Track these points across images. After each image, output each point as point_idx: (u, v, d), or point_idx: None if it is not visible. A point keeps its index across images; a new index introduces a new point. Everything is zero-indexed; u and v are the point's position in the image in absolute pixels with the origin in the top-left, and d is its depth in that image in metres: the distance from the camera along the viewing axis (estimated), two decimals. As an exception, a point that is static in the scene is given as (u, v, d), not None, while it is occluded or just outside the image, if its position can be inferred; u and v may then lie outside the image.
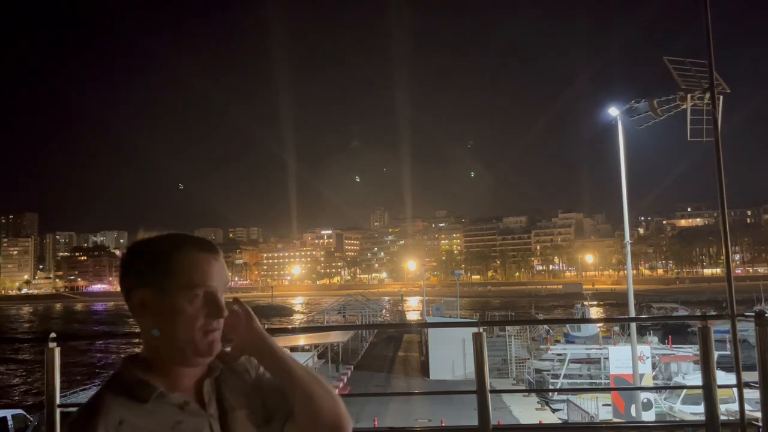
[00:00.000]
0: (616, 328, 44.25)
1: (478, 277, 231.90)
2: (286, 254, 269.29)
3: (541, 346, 40.38)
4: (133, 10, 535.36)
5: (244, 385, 1.53)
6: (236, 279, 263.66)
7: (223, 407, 1.46)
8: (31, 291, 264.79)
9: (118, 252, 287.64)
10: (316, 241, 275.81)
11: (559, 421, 24.23)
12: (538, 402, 28.32)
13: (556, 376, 32.67)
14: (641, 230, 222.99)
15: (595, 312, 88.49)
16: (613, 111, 20.82)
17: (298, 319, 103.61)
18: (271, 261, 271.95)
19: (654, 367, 28.13)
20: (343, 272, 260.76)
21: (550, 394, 29.33)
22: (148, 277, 1.40)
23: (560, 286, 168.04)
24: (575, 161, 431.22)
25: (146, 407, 1.34)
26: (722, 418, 4.31)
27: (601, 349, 33.72)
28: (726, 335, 24.05)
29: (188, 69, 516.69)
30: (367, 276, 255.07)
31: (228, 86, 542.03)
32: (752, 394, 4.44)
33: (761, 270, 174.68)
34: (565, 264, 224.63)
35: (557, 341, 42.61)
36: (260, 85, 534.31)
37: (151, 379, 1.38)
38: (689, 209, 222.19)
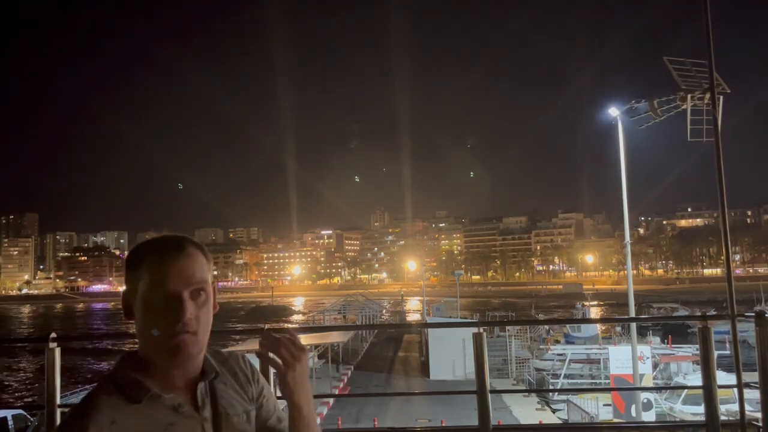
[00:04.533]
0: (618, 328, 44.28)
1: (478, 277, 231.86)
2: (286, 254, 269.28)
3: (542, 347, 40.42)
4: (134, 10, 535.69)
5: (243, 394, 1.55)
6: (236, 279, 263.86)
7: (218, 411, 1.46)
8: (31, 291, 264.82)
9: (118, 252, 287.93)
10: (316, 241, 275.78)
11: (560, 421, 24.25)
12: (538, 402, 28.35)
13: (557, 376, 32.72)
14: (641, 230, 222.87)
15: (595, 312, 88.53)
16: (614, 111, 20.84)
17: (298, 319, 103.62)
18: (271, 261, 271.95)
19: (654, 367, 28.15)
20: (343, 272, 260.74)
21: (551, 394, 29.36)
22: (131, 276, 1.46)
23: (560, 287, 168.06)
24: (575, 161, 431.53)
25: (139, 408, 1.35)
26: (722, 418, 4.31)
27: (601, 349, 33.74)
28: (726, 335, 24.04)
29: (188, 69, 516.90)
30: (367, 276, 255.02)
31: (228, 86, 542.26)
32: (752, 395, 4.44)
33: (761, 270, 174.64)
34: (566, 264, 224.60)
35: (557, 341, 42.66)
36: (260, 85, 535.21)
37: (145, 379, 1.38)
38: (689, 209, 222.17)
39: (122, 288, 1.49)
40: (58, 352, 3.99)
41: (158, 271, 1.40)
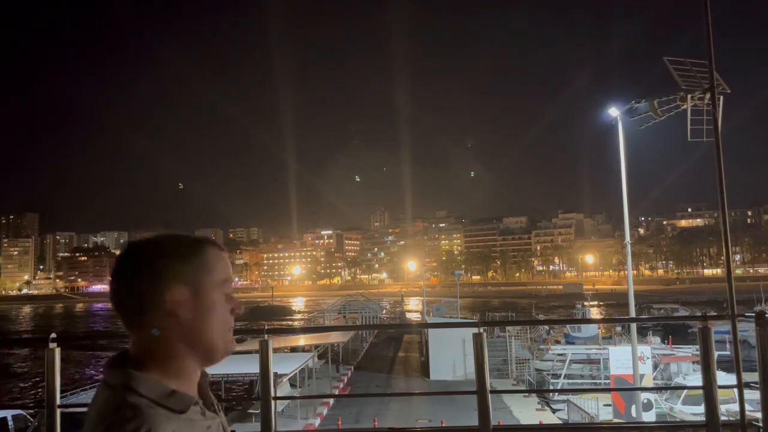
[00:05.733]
0: (618, 329, 44.30)
1: (478, 277, 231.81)
2: (286, 254, 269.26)
3: (542, 347, 40.41)
4: (136, 13, 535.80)
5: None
6: (236, 279, 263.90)
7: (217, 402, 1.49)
8: (31, 291, 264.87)
9: (118, 252, 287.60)
10: (316, 241, 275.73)
11: (560, 422, 24.26)
12: (538, 402, 28.33)
13: (557, 377, 32.73)
14: (641, 230, 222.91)
15: (595, 312, 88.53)
16: (614, 111, 20.85)
17: (298, 319, 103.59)
18: (271, 261, 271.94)
19: (655, 367, 28.16)
20: (343, 272, 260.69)
21: (551, 394, 29.37)
22: (183, 274, 1.34)
23: (561, 287, 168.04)
24: (575, 161, 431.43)
25: (185, 417, 1.29)
26: (723, 418, 4.31)
27: (601, 349, 33.75)
28: (726, 335, 24.05)
29: (188, 69, 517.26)
30: (367, 276, 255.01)
31: (228, 86, 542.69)
32: (752, 395, 4.44)
33: (761, 270, 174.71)
34: (566, 264, 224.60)
35: (557, 342, 42.66)
36: (260, 85, 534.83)
37: (176, 387, 1.32)
38: (689, 209, 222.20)
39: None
40: (58, 352, 3.99)
41: (218, 270, 1.38)
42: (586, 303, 67.74)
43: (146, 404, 1.24)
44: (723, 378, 5.54)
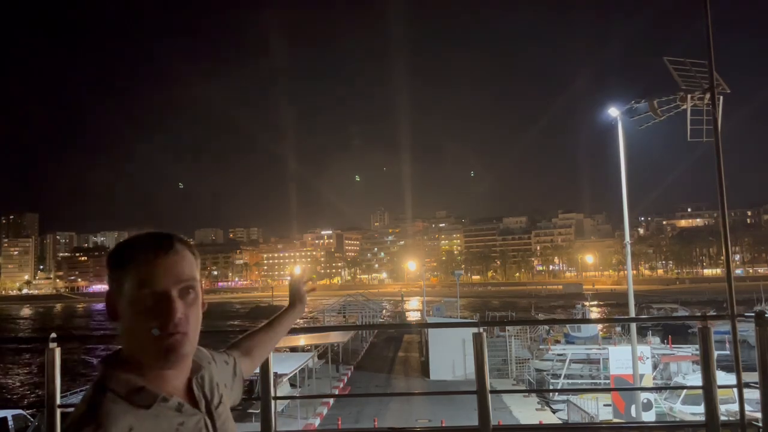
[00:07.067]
0: (618, 329, 44.30)
1: (478, 277, 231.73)
2: (287, 254, 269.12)
3: (542, 347, 40.41)
4: (133, 11, 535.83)
5: (225, 371, 1.69)
6: (236, 279, 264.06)
7: (209, 401, 1.49)
8: (31, 291, 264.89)
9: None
10: (317, 241, 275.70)
11: (560, 422, 24.26)
12: (538, 402, 28.33)
13: (557, 377, 32.72)
14: (641, 230, 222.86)
15: (595, 312, 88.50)
16: (614, 111, 20.85)
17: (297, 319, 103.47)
18: (271, 261, 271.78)
19: (654, 367, 28.16)
20: (343, 272, 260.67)
21: (551, 394, 29.37)
22: (114, 278, 1.41)
23: (560, 287, 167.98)
24: (575, 161, 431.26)
25: (149, 413, 1.33)
26: (722, 418, 4.31)
27: (601, 349, 33.75)
28: (726, 335, 24.05)
29: (190, 71, 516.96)
30: (367, 276, 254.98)
31: (228, 86, 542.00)
32: (752, 395, 4.44)
33: (761, 270, 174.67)
34: (565, 264, 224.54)
35: (557, 341, 42.65)
36: (260, 84, 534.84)
37: (147, 384, 1.36)
38: (689, 209, 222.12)
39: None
40: (58, 352, 3.99)
41: (146, 271, 1.35)
42: (586, 303, 67.70)
43: (111, 399, 1.31)
44: (723, 378, 5.54)
